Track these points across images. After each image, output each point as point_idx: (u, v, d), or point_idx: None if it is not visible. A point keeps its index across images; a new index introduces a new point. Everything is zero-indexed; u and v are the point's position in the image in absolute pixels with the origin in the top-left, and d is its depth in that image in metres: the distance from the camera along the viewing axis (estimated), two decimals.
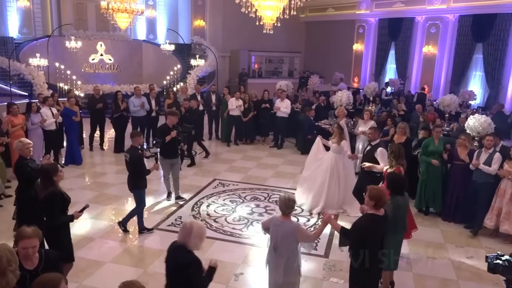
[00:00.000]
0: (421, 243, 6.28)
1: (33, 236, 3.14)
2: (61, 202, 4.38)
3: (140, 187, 6.23)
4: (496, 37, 14.15)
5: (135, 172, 6.15)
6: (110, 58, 17.66)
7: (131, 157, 6.06)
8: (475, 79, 15.40)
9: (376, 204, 4.02)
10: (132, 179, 6.22)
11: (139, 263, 5.48)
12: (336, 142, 7.26)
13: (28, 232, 3.14)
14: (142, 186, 6.24)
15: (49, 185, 4.36)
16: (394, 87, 17.11)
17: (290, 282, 4.11)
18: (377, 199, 4.01)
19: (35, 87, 14.22)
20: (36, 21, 17.74)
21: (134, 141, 6.19)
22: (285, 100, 11.53)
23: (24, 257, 3.10)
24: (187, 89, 12.68)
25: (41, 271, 3.15)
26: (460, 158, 6.87)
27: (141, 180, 6.20)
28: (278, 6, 7.10)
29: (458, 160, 6.92)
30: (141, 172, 6.14)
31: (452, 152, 7.08)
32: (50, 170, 4.41)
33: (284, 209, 4.02)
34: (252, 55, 21.76)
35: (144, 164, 6.21)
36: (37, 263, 3.20)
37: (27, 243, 3.11)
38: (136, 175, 6.16)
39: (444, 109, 11.65)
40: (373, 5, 18.76)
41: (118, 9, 12.14)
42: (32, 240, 3.13)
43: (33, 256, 3.16)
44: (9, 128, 7.85)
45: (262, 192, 8.21)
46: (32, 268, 3.17)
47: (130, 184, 6.26)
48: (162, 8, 20.64)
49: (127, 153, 6.18)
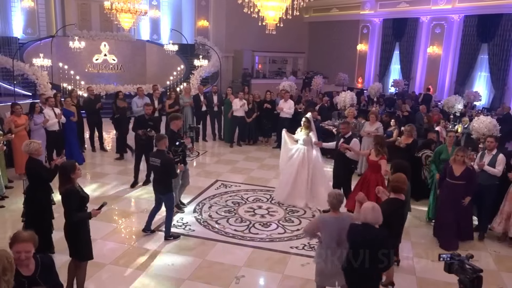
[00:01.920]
0: (423, 246, 6.22)
1: (28, 241, 3.06)
2: (78, 200, 4.45)
3: (171, 190, 6.21)
4: (502, 37, 14.04)
5: (167, 176, 6.04)
6: (114, 58, 17.68)
7: (162, 161, 5.92)
8: (480, 80, 15.29)
9: (399, 189, 4.45)
10: (165, 183, 6.07)
11: (139, 265, 5.44)
12: (305, 134, 7.55)
13: (24, 236, 3.06)
14: (172, 189, 6.25)
15: (67, 182, 4.43)
16: (398, 88, 17.02)
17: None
18: (399, 184, 4.45)
19: (39, 87, 14.26)
20: (40, 21, 17.78)
21: (160, 144, 6.06)
22: (289, 101, 11.47)
23: (16, 262, 3.02)
24: (190, 90, 12.66)
25: (39, 277, 3.10)
26: (455, 175, 6.07)
27: (171, 184, 6.20)
28: (281, 6, 7.05)
29: (451, 178, 6.12)
30: (174, 175, 6.13)
31: (446, 168, 6.31)
32: (68, 168, 4.47)
33: (336, 203, 4.18)
34: (255, 55, 21.74)
35: (175, 167, 6.26)
36: (33, 269, 3.13)
37: (21, 247, 3.03)
38: (168, 179, 6.07)
39: (449, 110, 11.57)
40: (377, 5, 18.67)
41: (121, 10, 12.13)
42: (26, 245, 3.05)
43: (29, 262, 3.09)
44: (12, 128, 7.83)
45: (264, 193, 8.16)
46: (29, 274, 3.10)
47: (161, 189, 6.10)
48: (166, 9, 20.65)
49: (156, 158, 5.99)
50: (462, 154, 6.00)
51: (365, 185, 6.42)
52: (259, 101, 11.94)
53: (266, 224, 6.79)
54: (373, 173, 6.46)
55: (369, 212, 3.83)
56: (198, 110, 11.84)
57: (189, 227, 6.57)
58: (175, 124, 7.03)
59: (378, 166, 6.40)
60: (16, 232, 3.18)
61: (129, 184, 8.29)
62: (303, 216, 7.14)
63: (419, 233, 6.61)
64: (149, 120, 8.19)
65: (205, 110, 11.89)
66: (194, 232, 6.43)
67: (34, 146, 5.38)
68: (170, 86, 16.77)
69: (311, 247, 5.93)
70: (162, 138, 6.14)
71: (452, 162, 6.12)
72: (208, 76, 18.18)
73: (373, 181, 6.28)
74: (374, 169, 6.47)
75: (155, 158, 6.03)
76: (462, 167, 6.03)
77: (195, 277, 5.20)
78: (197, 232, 6.45)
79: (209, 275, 5.26)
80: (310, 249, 5.89)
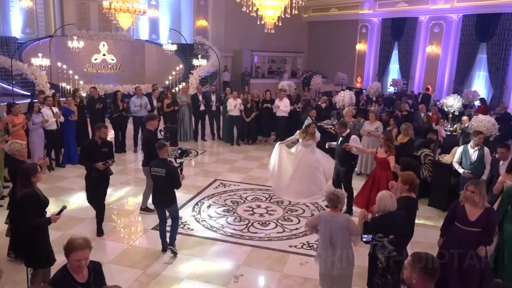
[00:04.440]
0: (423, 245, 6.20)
1: (86, 247, 3.02)
2: (37, 204, 4.20)
3: (176, 200, 5.78)
4: (500, 36, 14.06)
5: (173, 186, 5.56)
6: (113, 58, 17.66)
7: (168, 171, 5.43)
8: (479, 79, 15.31)
9: (410, 187, 4.53)
10: (170, 194, 5.61)
11: (138, 264, 5.43)
12: (312, 139, 7.75)
13: (81, 244, 3.00)
14: (176, 198, 5.80)
15: (26, 185, 4.20)
16: (397, 87, 17.02)
17: (345, 274, 4.23)
18: (410, 182, 4.53)
19: (37, 87, 14.23)
20: (39, 21, 17.76)
21: (162, 153, 5.55)
22: (284, 99, 11.51)
23: (77, 269, 2.99)
24: (188, 89, 12.65)
25: (93, 283, 3.08)
26: (470, 220, 4.33)
27: (175, 193, 5.75)
28: (279, 5, 7.04)
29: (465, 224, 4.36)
30: (179, 185, 5.60)
31: (456, 209, 4.51)
32: (29, 171, 4.26)
33: (335, 202, 4.15)
34: (254, 55, 21.73)
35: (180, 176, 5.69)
36: (87, 276, 3.09)
37: (81, 255, 2.98)
38: (172, 189, 5.60)
39: (448, 109, 11.57)
40: (376, 5, 18.68)
41: (120, 9, 12.11)
42: (84, 252, 3.01)
43: (84, 268, 3.05)
44: (9, 127, 7.83)
45: (263, 192, 8.15)
46: (84, 281, 3.08)
47: (166, 201, 5.63)
48: (165, 8, 20.63)
49: (160, 168, 5.47)
50: (473, 189, 4.29)
51: (375, 183, 6.48)
52: (258, 100, 11.95)
53: (265, 223, 6.78)
54: (383, 170, 6.46)
55: (389, 200, 4.07)
56: (196, 110, 11.85)
57: (188, 226, 6.56)
58: (151, 124, 6.87)
59: (387, 163, 6.38)
60: (70, 239, 3.08)
61: (127, 183, 8.27)
62: (302, 215, 7.14)
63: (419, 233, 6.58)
64: (102, 146, 6.13)
65: (203, 110, 11.89)
66: (192, 231, 6.42)
67: (15, 147, 5.27)
68: (169, 86, 16.78)
69: (310, 246, 5.93)
70: (164, 145, 5.62)
71: (464, 200, 4.41)
72: (207, 76, 18.18)
73: (384, 178, 6.33)
74: (383, 166, 6.47)
75: (158, 168, 5.49)
76: (477, 209, 4.31)
77: (193, 276, 5.20)
78: (195, 231, 6.44)
79: (208, 274, 5.25)
80: (309, 248, 5.88)
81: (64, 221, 6.20)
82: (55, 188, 7.96)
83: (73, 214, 6.61)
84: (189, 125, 11.98)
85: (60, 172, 8.96)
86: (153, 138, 6.74)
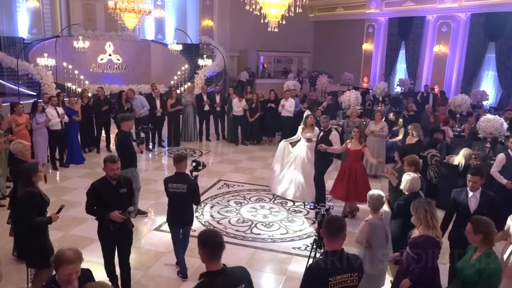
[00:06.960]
0: None
1: (76, 261, 2.83)
2: (38, 203, 4.19)
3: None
4: (509, 35, 13.85)
5: (192, 202, 5.19)
6: (119, 58, 17.66)
7: (190, 186, 4.96)
8: (488, 79, 15.10)
9: (416, 168, 5.03)
10: (191, 211, 5.23)
11: (139, 265, 5.38)
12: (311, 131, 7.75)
13: (71, 257, 2.80)
14: None
15: (27, 184, 4.20)
16: (404, 87, 16.85)
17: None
18: (415, 164, 5.07)
19: (43, 87, 14.27)
20: (45, 21, 17.80)
21: (181, 167, 5.02)
22: (289, 99, 11.42)
23: (66, 283, 2.82)
24: (193, 89, 12.62)
25: None
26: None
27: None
28: (283, 3, 6.95)
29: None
30: (199, 201, 5.33)
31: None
32: (30, 170, 4.25)
33: (378, 205, 4.30)
34: (260, 55, 21.65)
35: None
36: (77, 286, 2.93)
37: (70, 269, 2.79)
38: (192, 205, 5.26)
39: (456, 109, 11.41)
40: (383, 4, 18.51)
41: (125, 9, 12.10)
42: (75, 266, 2.81)
43: (75, 281, 2.89)
44: (13, 127, 7.83)
45: (267, 193, 8.08)
46: None
47: (188, 218, 5.21)
48: (171, 8, 20.61)
49: (180, 183, 4.94)
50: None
51: (352, 175, 6.72)
52: (263, 100, 11.88)
53: (268, 225, 6.70)
54: (355, 161, 6.82)
55: (416, 182, 4.56)
56: (200, 110, 11.80)
57: None
58: (125, 125, 6.64)
59: (360, 155, 6.82)
60: (59, 252, 2.86)
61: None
62: (307, 216, 7.05)
63: None
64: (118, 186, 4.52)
65: (208, 110, 11.84)
66: (195, 233, 6.33)
67: (17, 147, 5.25)
68: (174, 86, 16.76)
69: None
70: (183, 159, 5.08)
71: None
72: (212, 76, 18.14)
73: (360, 169, 6.80)
74: (356, 158, 6.83)
75: (178, 183, 4.95)
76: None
77: (196, 278, 5.10)
78: (198, 232, 6.35)
79: None
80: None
81: (66, 222, 6.19)
82: (58, 188, 7.94)
83: (75, 214, 6.56)
84: (193, 125, 11.94)
85: (64, 172, 8.95)
86: (127, 139, 6.56)
